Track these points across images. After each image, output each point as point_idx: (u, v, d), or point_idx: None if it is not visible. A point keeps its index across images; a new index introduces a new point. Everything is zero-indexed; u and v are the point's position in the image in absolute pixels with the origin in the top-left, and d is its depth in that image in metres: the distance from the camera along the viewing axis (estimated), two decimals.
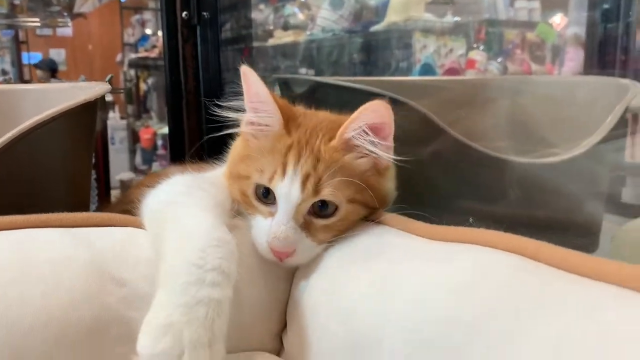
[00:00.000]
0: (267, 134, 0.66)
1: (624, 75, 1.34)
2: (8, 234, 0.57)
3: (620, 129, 1.00)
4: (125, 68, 5.39)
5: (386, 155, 0.64)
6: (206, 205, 0.62)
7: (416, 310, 0.51)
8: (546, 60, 2.61)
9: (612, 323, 0.39)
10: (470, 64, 2.55)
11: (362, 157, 0.65)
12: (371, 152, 0.64)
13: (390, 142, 0.64)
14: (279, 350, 0.67)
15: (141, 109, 5.33)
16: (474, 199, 0.93)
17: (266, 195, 0.64)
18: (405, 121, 0.68)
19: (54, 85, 1.01)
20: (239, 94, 0.66)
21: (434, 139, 0.95)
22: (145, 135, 4.93)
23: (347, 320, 0.57)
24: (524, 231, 0.53)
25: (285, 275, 0.68)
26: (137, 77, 5.33)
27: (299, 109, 0.72)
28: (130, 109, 5.44)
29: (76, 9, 2.93)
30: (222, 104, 0.67)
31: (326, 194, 0.62)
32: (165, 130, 4.43)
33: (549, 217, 0.92)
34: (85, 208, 0.91)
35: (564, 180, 0.94)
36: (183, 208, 0.62)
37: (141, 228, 0.64)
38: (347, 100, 0.90)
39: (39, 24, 2.48)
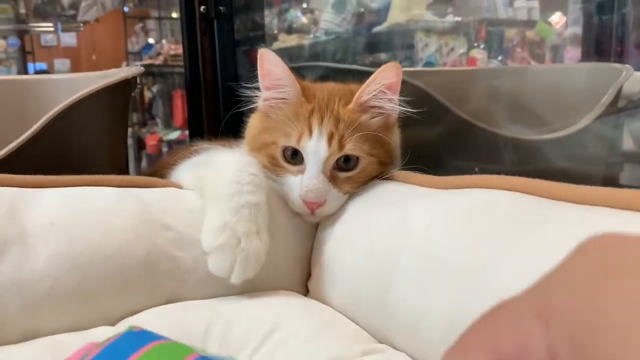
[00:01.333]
0: (287, 104, 0.74)
1: None
2: (64, 189, 0.64)
3: (615, 114, 1.06)
4: None
5: (398, 107, 0.74)
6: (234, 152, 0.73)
7: (427, 236, 0.59)
8: (546, 58, 2.66)
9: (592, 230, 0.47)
10: (472, 62, 2.61)
11: (375, 117, 0.74)
12: (386, 109, 0.74)
13: (397, 97, 0.74)
14: (305, 294, 0.74)
15: (146, 116, 5.38)
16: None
17: (294, 156, 0.72)
18: (415, 100, 0.76)
19: (83, 75, 1.07)
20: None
21: (440, 118, 1.01)
22: (151, 142, 4.98)
23: (367, 255, 0.66)
24: None
25: (309, 231, 0.76)
26: (142, 85, 5.37)
27: (307, 82, 0.80)
28: (135, 117, 5.48)
29: (80, 17, 3.00)
30: (246, 85, 0.77)
31: (349, 149, 0.71)
32: (171, 136, 4.49)
33: None
34: None
35: (562, 156, 1.00)
36: (215, 155, 0.73)
37: (180, 189, 0.71)
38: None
39: (52, 29, 2.55)
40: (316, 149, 0.70)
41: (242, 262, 0.62)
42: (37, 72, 4.20)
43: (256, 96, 0.77)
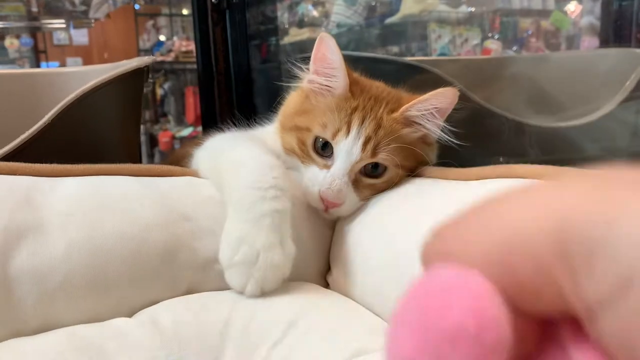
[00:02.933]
0: (331, 94, 0.72)
1: None
2: (82, 178, 0.63)
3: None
4: None
5: (441, 134, 0.71)
6: (252, 144, 0.69)
7: None
8: (561, 48, 2.63)
9: None
10: (486, 53, 2.58)
11: (416, 132, 0.71)
12: (429, 130, 0.71)
13: (443, 122, 0.71)
14: (324, 287, 0.73)
15: (158, 113, 5.40)
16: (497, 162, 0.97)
17: (324, 149, 0.70)
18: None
19: (96, 67, 1.07)
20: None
21: (462, 107, 0.99)
22: (163, 139, 5.01)
23: (388, 248, 0.64)
24: None
25: (329, 224, 0.74)
26: (154, 82, 5.39)
27: (357, 75, 0.77)
28: (147, 114, 5.51)
29: (91, 14, 3.01)
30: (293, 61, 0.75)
31: (381, 157, 0.69)
32: (183, 133, 4.50)
33: None
34: None
35: (587, 142, 0.98)
36: (233, 145, 0.70)
37: (197, 177, 0.70)
38: (381, 72, 0.95)
39: (63, 26, 2.55)
40: (349, 149, 0.68)
41: (259, 280, 0.58)
42: None
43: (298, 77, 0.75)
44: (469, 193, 0.61)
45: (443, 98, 0.68)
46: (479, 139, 1.00)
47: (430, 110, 0.69)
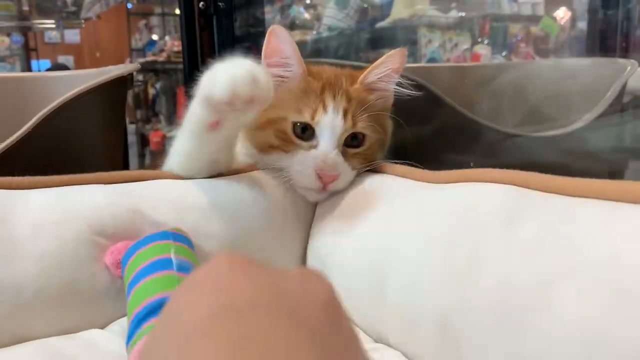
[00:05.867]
0: (292, 82, 0.74)
1: None
2: (53, 189, 0.62)
3: (619, 110, 1.04)
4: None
5: (402, 90, 0.76)
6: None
7: (417, 231, 0.58)
8: (550, 54, 2.65)
9: (584, 223, 0.47)
10: (476, 57, 2.59)
11: (379, 98, 0.76)
12: (390, 91, 0.76)
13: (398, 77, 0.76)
14: None
15: (149, 113, 5.38)
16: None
17: (304, 132, 0.72)
18: (418, 100, 0.77)
19: (83, 72, 1.07)
20: None
21: (440, 115, 1.00)
22: (154, 139, 4.99)
23: (360, 250, 0.66)
24: None
25: (304, 226, 0.75)
26: (146, 82, 5.37)
27: (308, 63, 0.79)
28: (138, 113, 5.48)
29: (83, 14, 3.00)
30: None
31: (360, 126, 0.73)
32: (174, 133, 4.47)
33: None
34: None
35: (565, 153, 0.99)
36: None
37: (170, 179, 0.70)
38: None
39: (53, 26, 2.54)
40: (332, 123, 0.71)
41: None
42: (50, 69, 4.19)
43: None
44: (435, 196, 0.62)
45: (395, 58, 0.74)
46: (455, 145, 1.01)
47: (385, 72, 0.75)
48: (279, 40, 0.72)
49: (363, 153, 0.74)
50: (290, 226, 0.73)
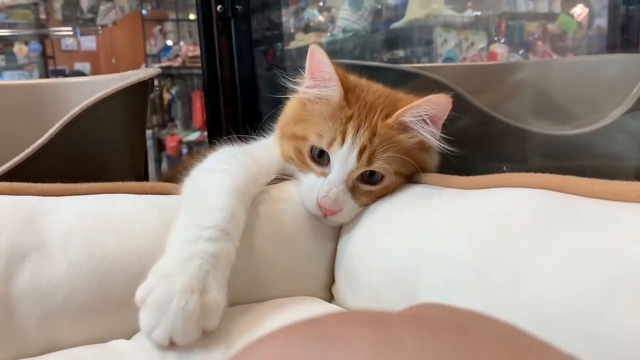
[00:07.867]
0: (327, 103, 0.72)
1: None
2: (83, 197, 0.63)
3: None
4: None
5: (436, 142, 0.70)
6: (232, 172, 0.66)
7: (452, 239, 0.56)
8: (568, 52, 2.61)
9: (623, 229, 0.45)
10: (492, 56, 2.57)
11: (412, 137, 0.71)
12: (424, 136, 0.70)
13: (439, 130, 0.70)
14: (329, 300, 0.72)
15: (166, 118, 5.42)
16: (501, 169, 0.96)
17: (321, 157, 0.71)
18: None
19: (103, 77, 1.07)
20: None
21: (464, 114, 0.98)
22: (170, 143, 5.02)
23: (391, 259, 0.64)
24: None
25: (332, 235, 0.74)
26: (161, 87, 5.40)
27: (356, 79, 0.77)
28: (154, 119, 5.52)
29: (99, 21, 3.03)
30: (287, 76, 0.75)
31: (377, 166, 0.69)
32: (190, 137, 4.51)
33: None
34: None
35: (592, 151, 0.97)
36: (209, 173, 0.67)
37: None
38: (382, 80, 0.94)
39: (70, 33, 2.57)
40: (344, 159, 0.68)
41: (167, 327, 0.51)
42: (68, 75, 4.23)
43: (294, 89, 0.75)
44: (468, 203, 0.60)
45: (435, 105, 0.67)
46: (481, 146, 0.99)
47: (422, 117, 0.69)
48: (318, 62, 0.70)
49: (377, 192, 0.71)
50: (320, 232, 0.73)
